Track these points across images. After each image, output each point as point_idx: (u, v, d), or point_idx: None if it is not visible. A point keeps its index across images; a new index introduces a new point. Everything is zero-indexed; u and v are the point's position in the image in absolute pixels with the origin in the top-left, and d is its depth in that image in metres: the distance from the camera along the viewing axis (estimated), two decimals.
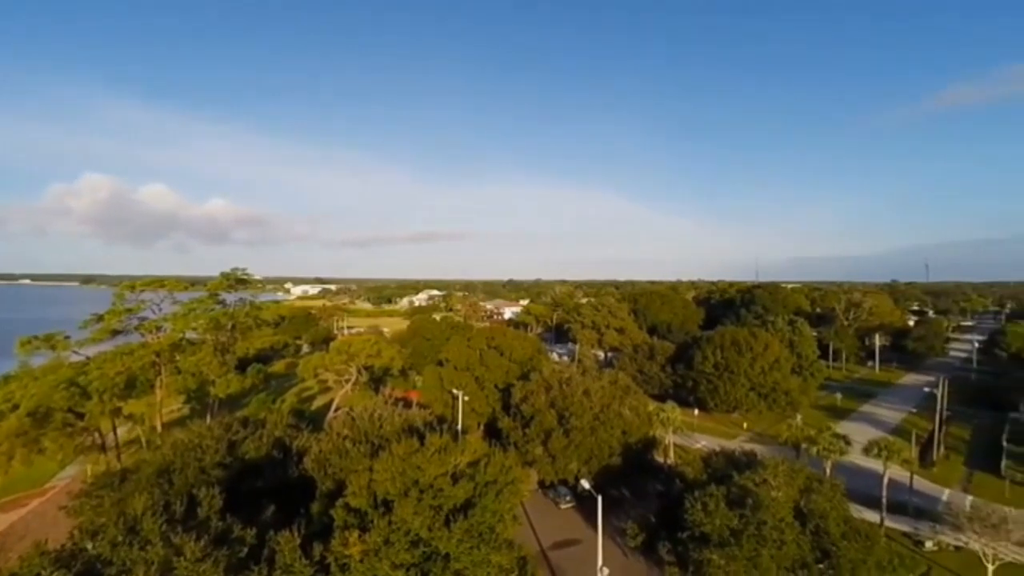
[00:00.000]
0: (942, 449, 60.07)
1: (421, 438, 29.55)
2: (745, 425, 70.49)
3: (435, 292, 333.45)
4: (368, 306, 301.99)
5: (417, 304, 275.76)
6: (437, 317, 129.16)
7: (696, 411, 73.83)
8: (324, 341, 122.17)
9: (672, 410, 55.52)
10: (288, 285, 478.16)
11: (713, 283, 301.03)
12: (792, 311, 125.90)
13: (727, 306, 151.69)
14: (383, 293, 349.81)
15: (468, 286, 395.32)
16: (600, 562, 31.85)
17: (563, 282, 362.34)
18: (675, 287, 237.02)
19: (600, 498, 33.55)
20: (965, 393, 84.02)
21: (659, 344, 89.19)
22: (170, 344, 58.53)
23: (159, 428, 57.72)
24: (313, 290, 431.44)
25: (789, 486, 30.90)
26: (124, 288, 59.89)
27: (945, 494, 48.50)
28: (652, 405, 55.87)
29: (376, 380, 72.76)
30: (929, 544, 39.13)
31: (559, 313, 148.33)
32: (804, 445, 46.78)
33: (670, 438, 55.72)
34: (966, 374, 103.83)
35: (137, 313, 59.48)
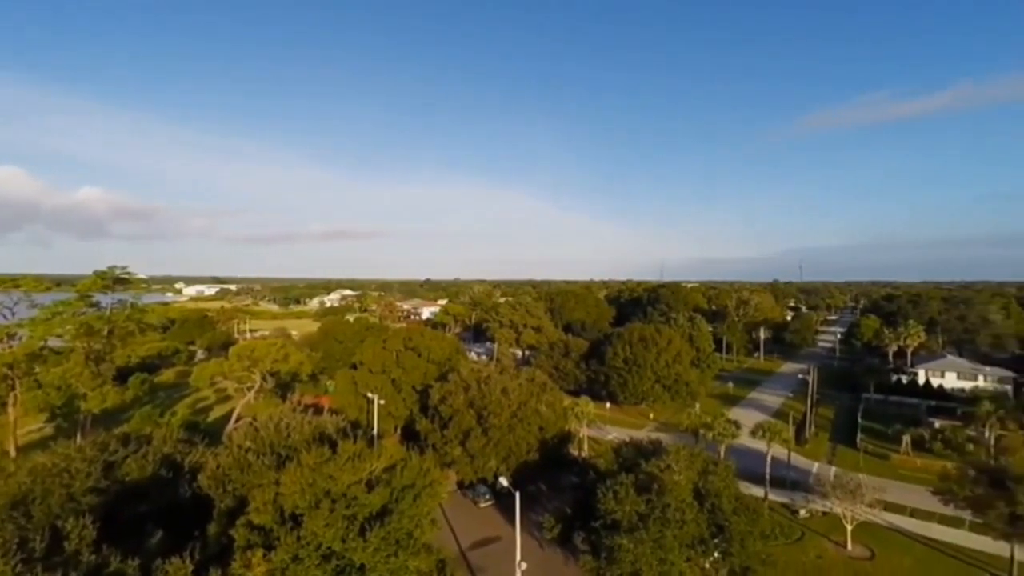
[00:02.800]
0: (813, 428, 68.57)
1: (333, 446, 28.16)
2: (651, 415, 75.37)
3: (349, 292, 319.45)
4: (274, 307, 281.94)
5: (329, 305, 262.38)
6: (351, 318, 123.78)
7: (608, 404, 77.79)
8: (223, 346, 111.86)
9: (586, 404, 57.95)
10: (180, 285, 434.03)
11: (623, 282, 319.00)
12: (692, 308, 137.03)
13: (635, 304, 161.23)
14: (291, 293, 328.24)
15: (384, 286, 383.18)
16: (519, 557, 32.40)
17: (481, 282, 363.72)
18: (589, 286, 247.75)
19: (518, 494, 34.13)
20: (830, 378, 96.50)
21: (574, 341, 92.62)
22: (27, 354, 50.47)
23: (13, 452, 49.57)
24: (210, 290, 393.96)
25: (689, 470, 33.52)
26: None
27: (815, 467, 55.31)
28: (567, 400, 57.92)
29: (283, 387, 68.14)
30: (803, 512, 44.48)
31: (478, 312, 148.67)
32: (702, 431, 51.16)
33: (584, 431, 58.13)
34: (831, 362, 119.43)
35: None
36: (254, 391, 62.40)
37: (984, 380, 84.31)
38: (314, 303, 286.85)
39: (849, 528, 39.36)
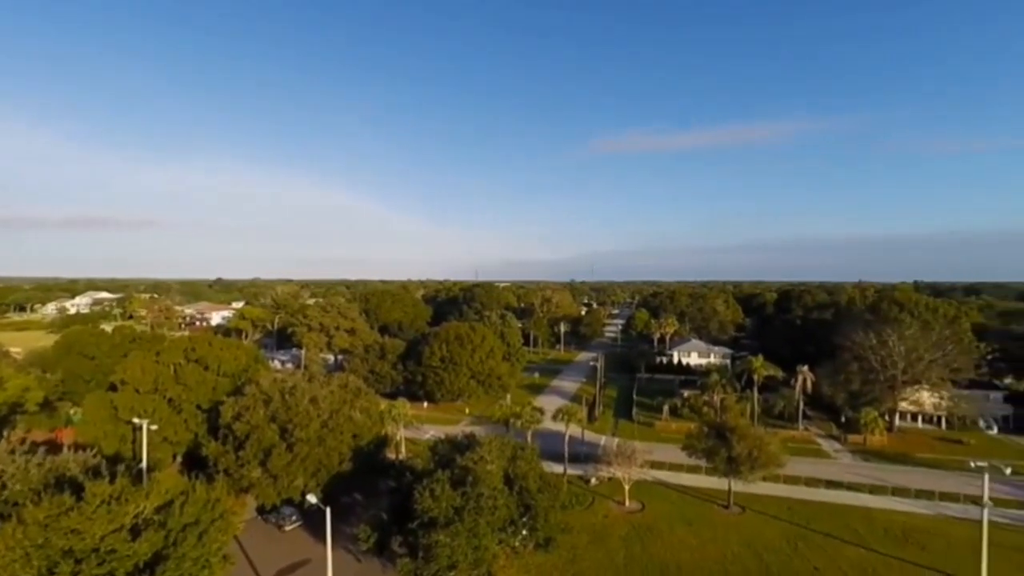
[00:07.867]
0: (601, 407, 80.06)
1: (78, 490, 22.38)
2: (467, 410, 78.41)
3: (105, 294, 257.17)
4: None
5: (74, 311, 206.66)
6: (108, 327, 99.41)
7: (425, 403, 78.35)
8: None
9: (403, 406, 57.39)
10: None
11: (440, 282, 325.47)
12: (503, 306, 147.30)
13: (452, 303, 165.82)
14: (10, 298, 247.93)
15: (158, 286, 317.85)
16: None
17: (287, 281, 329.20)
18: (406, 286, 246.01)
19: (329, 509, 32.04)
20: (614, 363, 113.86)
21: (390, 343, 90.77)
22: None
23: None
24: None
25: (500, 458, 35.92)
26: None
27: (603, 440, 64.61)
28: (384, 403, 56.50)
29: None
30: (593, 480, 51.60)
31: (282, 316, 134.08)
32: (512, 420, 55.31)
33: (401, 433, 57.45)
34: (615, 349, 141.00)
35: None
36: None
37: (713, 357, 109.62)
38: (49, 309, 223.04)
39: (627, 488, 47.10)
